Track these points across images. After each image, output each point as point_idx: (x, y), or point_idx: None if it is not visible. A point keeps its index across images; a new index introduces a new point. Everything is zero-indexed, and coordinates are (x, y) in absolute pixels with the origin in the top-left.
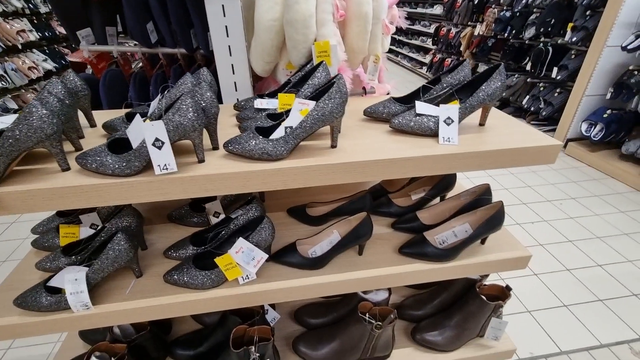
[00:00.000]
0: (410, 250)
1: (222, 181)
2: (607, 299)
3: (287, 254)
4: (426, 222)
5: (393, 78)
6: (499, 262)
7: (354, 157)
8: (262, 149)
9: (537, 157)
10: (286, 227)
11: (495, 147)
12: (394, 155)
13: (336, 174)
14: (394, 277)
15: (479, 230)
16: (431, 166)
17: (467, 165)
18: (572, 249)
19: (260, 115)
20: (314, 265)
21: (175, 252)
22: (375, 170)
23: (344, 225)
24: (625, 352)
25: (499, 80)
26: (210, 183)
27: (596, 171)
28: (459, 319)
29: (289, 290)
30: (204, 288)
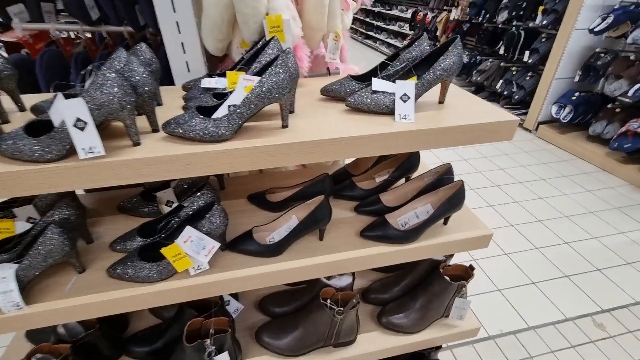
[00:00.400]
0: (371, 234)
1: (159, 165)
2: (573, 275)
3: (243, 242)
4: (389, 204)
5: (367, 62)
6: (461, 242)
7: (305, 137)
8: (203, 130)
9: (494, 133)
10: (246, 214)
11: (452, 124)
12: (348, 134)
13: (286, 155)
14: (355, 261)
15: (440, 210)
16: (386, 145)
17: (424, 143)
18: (541, 228)
19: (208, 95)
20: (272, 252)
21: (122, 244)
22: (328, 150)
23: (303, 209)
24: (588, 325)
25: (456, 54)
26: (145, 167)
27: (565, 152)
28: (424, 300)
29: (245, 280)
30: (151, 281)
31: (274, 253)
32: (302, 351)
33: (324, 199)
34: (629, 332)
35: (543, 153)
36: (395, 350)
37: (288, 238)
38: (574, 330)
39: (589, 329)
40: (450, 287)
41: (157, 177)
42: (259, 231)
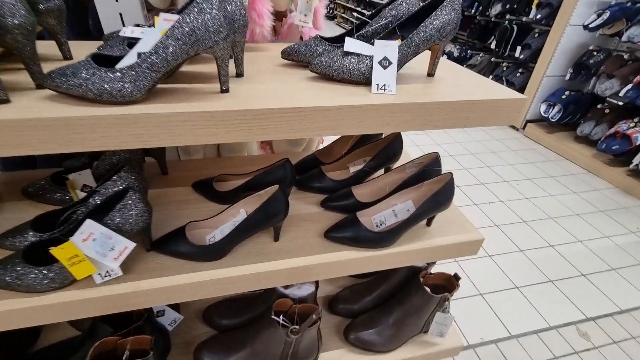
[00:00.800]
0: (339, 235)
1: (30, 132)
2: (557, 280)
3: (173, 241)
4: (363, 199)
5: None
6: (447, 248)
7: (248, 104)
8: (99, 85)
9: (496, 114)
10: (189, 205)
11: (444, 98)
12: (307, 104)
13: (218, 129)
14: (316, 269)
15: (423, 208)
16: (357, 121)
17: (407, 121)
18: (526, 230)
19: (123, 44)
20: (211, 255)
21: (12, 239)
22: (278, 125)
23: (254, 202)
24: (572, 334)
25: (452, 10)
26: (10, 135)
27: (552, 152)
28: (400, 314)
29: (172, 290)
30: (41, 290)
31: (212, 256)
32: None
33: (278, 190)
34: (613, 342)
35: (530, 152)
36: None
37: (232, 237)
38: (557, 340)
39: (573, 339)
40: (432, 300)
41: (26, 150)
42: (196, 227)
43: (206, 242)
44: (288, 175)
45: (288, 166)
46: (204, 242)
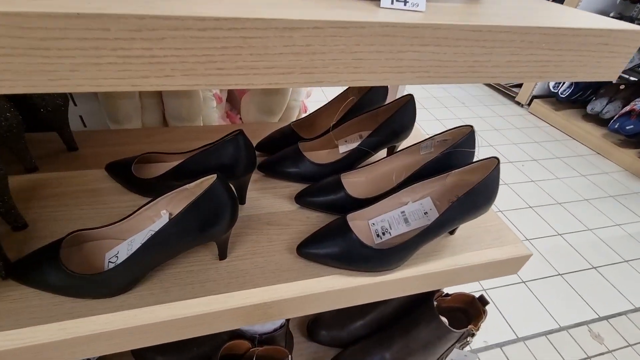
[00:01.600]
0: (318, 251)
1: None
2: (567, 273)
3: (41, 265)
4: (357, 192)
5: None
6: (479, 268)
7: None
8: None
9: (602, 55)
10: (98, 199)
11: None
12: (280, 15)
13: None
14: (278, 306)
15: (452, 212)
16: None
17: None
18: (533, 216)
19: None
20: (101, 289)
21: None
22: (225, 44)
23: (182, 198)
24: (584, 335)
25: None
26: None
27: (559, 132)
28: (403, 349)
29: (37, 349)
30: None
31: (106, 290)
32: None
33: (218, 180)
34: (628, 345)
35: (535, 131)
36: None
37: (140, 258)
38: (568, 343)
39: (585, 341)
40: (450, 335)
41: None
42: (88, 239)
43: (105, 264)
44: (243, 155)
45: (242, 141)
46: (101, 264)
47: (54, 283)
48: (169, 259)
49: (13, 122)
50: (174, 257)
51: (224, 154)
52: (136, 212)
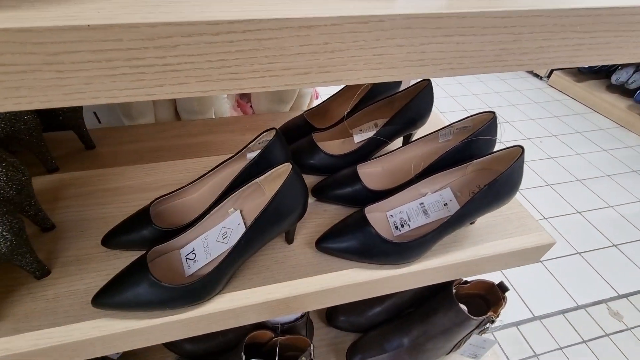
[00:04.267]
0: (338, 245)
1: None
2: (586, 252)
3: (132, 283)
4: (374, 184)
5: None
6: (501, 257)
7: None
8: None
9: None
10: (120, 197)
11: (529, 5)
12: (303, 13)
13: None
14: (298, 300)
15: (474, 203)
16: (384, 42)
17: (476, 50)
18: (551, 194)
19: None
20: (194, 297)
21: None
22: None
23: (249, 192)
24: (603, 313)
25: None
26: None
27: (580, 105)
28: (421, 335)
29: (64, 349)
30: None
31: (196, 298)
32: None
33: (293, 172)
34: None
35: (555, 104)
36: None
37: (230, 260)
38: (585, 321)
39: (604, 319)
40: (469, 322)
41: None
42: (157, 256)
43: (182, 260)
44: (281, 157)
45: (277, 142)
46: (179, 262)
47: (155, 298)
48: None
49: (32, 125)
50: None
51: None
52: (207, 216)
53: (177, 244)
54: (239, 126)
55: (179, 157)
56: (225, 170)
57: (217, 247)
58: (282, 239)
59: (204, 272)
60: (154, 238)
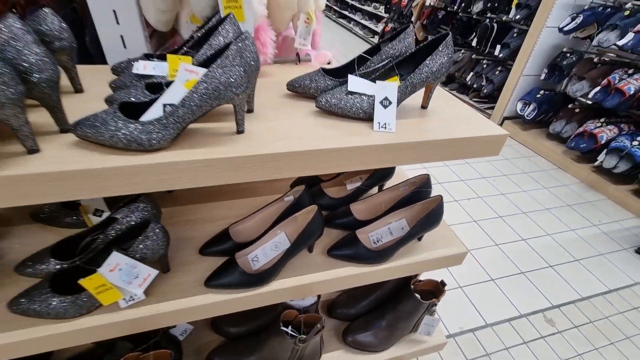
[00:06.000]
0: (340, 253)
1: (63, 182)
2: (528, 271)
3: (226, 274)
4: (360, 216)
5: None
6: (436, 261)
7: (263, 148)
8: (128, 136)
9: (482, 148)
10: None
11: (438, 136)
12: (317, 146)
13: (238, 171)
14: (320, 285)
15: (416, 228)
16: (362, 160)
17: (405, 158)
18: (501, 224)
19: (140, 84)
20: (259, 281)
21: (32, 267)
22: (290, 166)
23: (291, 223)
24: (539, 320)
25: (446, 55)
26: (43, 185)
27: (526, 149)
28: (392, 318)
29: (189, 312)
30: (66, 317)
31: (261, 282)
32: None
33: (318, 211)
34: (574, 327)
35: (506, 149)
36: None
37: (280, 261)
38: (526, 326)
39: (540, 325)
40: (421, 305)
41: (62, 197)
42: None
43: (250, 261)
44: (307, 202)
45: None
46: (247, 261)
47: (238, 282)
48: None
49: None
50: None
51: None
52: (265, 235)
53: (246, 252)
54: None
55: (231, 198)
56: (271, 208)
57: (271, 254)
58: (306, 249)
59: (263, 269)
60: (231, 249)
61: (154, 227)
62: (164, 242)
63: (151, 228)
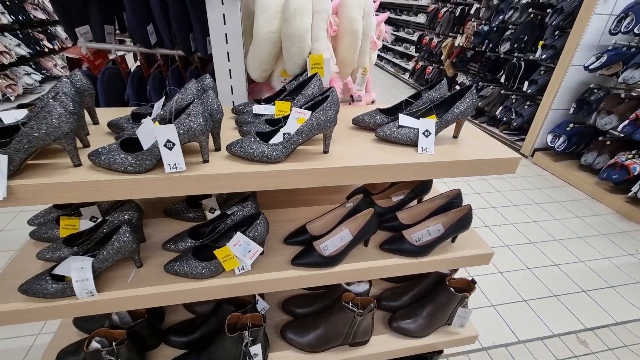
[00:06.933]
0: (389, 247)
1: (225, 180)
2: (561, 295)
3: (306, 256)
4: (404, 221)
5: (377, 83)
6: (466, 258)
7: (343, 162)
8: (262, 153)
9: (500, 167)
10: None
11: (466, 157)
12: (378, 162)
13: (328, 177)
14: (374, 270)
15: (450, 230)
16: (410, 173)
17: (441, 172)
18: (533, 250)
19: (259, 121)
20: (330, 263)
21: (174, 244)
22: (361, 175)
23: (353, 222)
24: (572, 341)
25: (471, 100)
26: (215, 182)
27: (558, 179)
28: (430, 309)
29: (280, 281)
30: (202, 278)
31: (331, 264)
32: (322, 348)
33: (374, 213)
34: (609, 349)
35: (538, 179)
36: (403, 352)
37: (345, 250)
38: (559, 346)
39: (573, 345)
40: (455, 297)
41: (222, 190)
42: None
43: (322, 250)
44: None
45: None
46: (320, 251)
47: (315, 262)
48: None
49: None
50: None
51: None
52: (333, 230)
53: (319, 242)
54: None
55: (301, 206)
56: (336, 211)
57: (337, 244)
58: (363, 244)
59: (332, 255)
60: (307, 240)
61: (263, 218)
62: (267, 229)
63: (261, 218)
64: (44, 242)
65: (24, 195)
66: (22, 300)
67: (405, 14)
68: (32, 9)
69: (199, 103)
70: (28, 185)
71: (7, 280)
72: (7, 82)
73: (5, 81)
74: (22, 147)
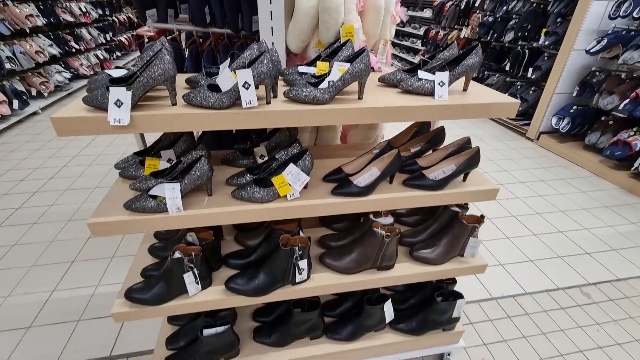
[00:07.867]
0: (412, 183)
1: (285, 116)
2: (565, 256)
3: (344, 187)
4: (424, 165)
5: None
6: (476, 192)
7: (375, 105)
8: (312, 96)
9: (501, 110)
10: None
11: (473, 102)
12: (403, 104)
13: (363, 115)
14: (400, 200)
15: (461, 167)
16: (429, 113)
17: (453, 114)
18: (539, 219)
19: (307, 76)
20: (363, 193)
21: (237, 179)
22: (390, 114)
23: (380, 162)
24: (576, 294)
25: (477, 56)
26: (278, 117)
27: (563, 159)
28: (446, 240)
29: (324, 206)
30: (262, 202)
31: (366, 193)
32: (355, 270)
33: (398, 153)
34: (610, 300)
35: (543, 159)
36: (422, 276)
37: (374, 184)
38: (563, 297)
39: (577, 297)
40: (467, 228)
41: (282, 124)
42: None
43: (355, 184)
44: (387, 151)
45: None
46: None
47: (351, 191)
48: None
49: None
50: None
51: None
52: (364, 169)
53: (353, 178)
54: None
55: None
56: (365, 156)
57: (368, 180)
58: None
59: (364, 186)
60: (342, 178)
61: (309, 154)
62: (312, 163)
63: (307, 154)
64: (130, 179)
65: (140, 122)
66: (127, 215)
67: (412, 10)
68: (61, 12)
69: (268, 54)
70: (144, 115)
71: (109, 203)
72: (40, 79)
73: (40, 78)
74: (141, 86)
